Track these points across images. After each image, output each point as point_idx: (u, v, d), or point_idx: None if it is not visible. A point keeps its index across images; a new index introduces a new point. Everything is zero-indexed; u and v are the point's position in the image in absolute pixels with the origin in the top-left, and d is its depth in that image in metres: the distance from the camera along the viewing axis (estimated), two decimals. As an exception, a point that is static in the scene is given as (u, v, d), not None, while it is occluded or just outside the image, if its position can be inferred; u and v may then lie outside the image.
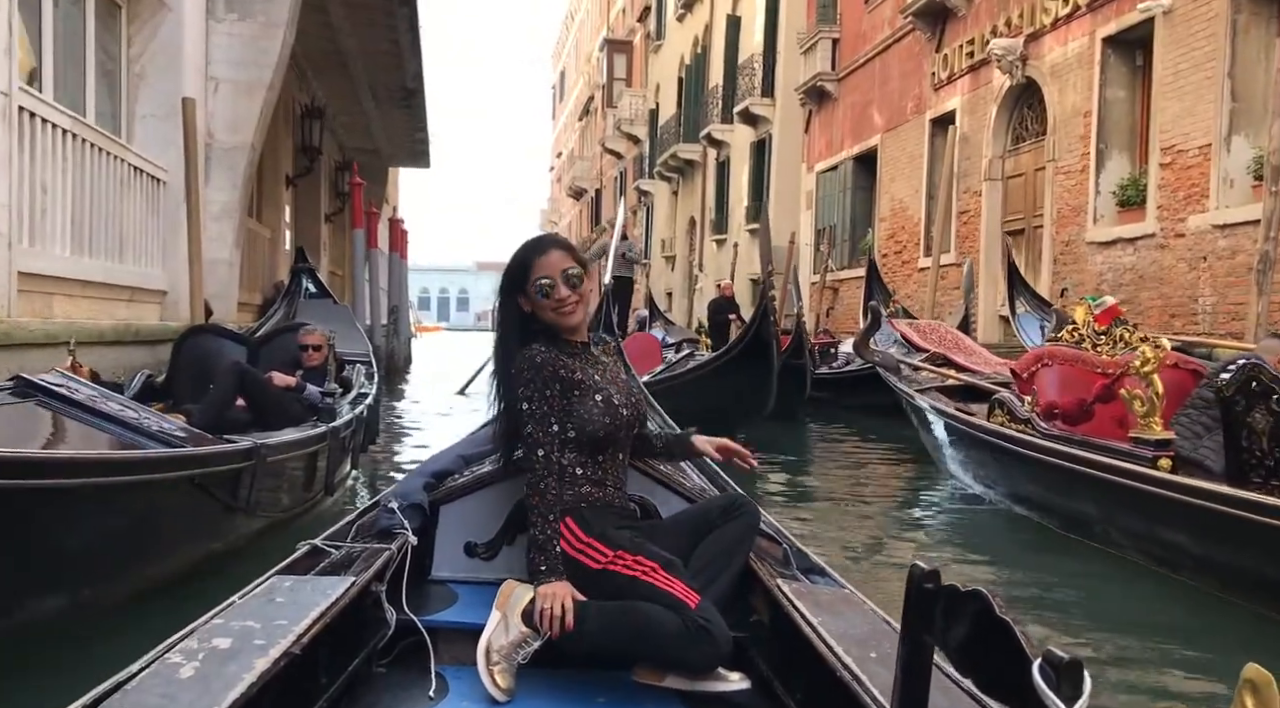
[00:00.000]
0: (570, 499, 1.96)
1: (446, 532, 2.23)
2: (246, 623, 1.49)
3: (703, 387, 7.76)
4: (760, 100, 19.07)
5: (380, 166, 19.30)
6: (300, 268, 7.85)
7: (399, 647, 1.89)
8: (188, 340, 5.14)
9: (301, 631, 1.48)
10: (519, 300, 2.02)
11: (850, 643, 1.54)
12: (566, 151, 49.48)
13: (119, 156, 6.14)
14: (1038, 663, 0.87)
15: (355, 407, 4.71)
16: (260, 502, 3.15)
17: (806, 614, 1.69)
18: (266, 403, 4.61)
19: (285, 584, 1.71)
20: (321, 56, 12.10)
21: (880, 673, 1.39)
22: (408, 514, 2.13)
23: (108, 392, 3.05)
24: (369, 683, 1.82)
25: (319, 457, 3.83)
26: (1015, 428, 4.74)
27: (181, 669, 1.30)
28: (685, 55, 25.53)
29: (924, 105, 13.08)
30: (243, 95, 8.00)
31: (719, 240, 22.40)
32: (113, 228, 6.07)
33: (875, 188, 14.83)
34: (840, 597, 1.84)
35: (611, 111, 33.28)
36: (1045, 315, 8.31)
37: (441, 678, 1.84)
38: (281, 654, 1.39)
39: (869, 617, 1.71)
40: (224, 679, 1.28)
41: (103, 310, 5.97)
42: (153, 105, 7.08)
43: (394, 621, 1.86)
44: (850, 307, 15.05)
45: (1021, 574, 4.01)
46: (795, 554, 2.14)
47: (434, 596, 2.11)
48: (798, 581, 1.94)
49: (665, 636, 1.76)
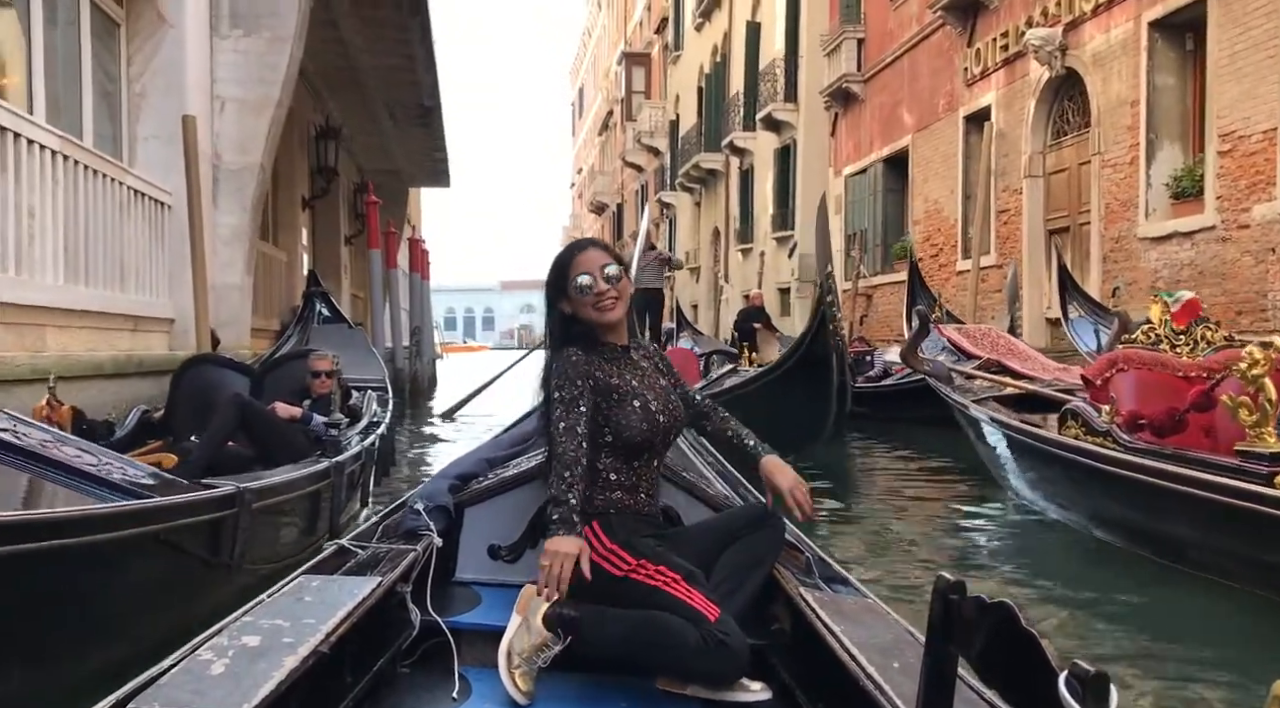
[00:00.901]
0: (601, 504, 1.97)
1: (471, 534, 2.25)
2: (275, 621, 1.49)
3: (748, 406, 6.56)
4: (783, 106, 18.67)
5: (400, 187, 19.08)
6: (313, 292, 7.53)
7: (423, 648, 1.90)
8: (187, 372, 4.80)
9: (329, 630, 1.48)
10: (561, 306, 2.04)
11: (873, 652, 1.52)
12: (587, 167, 49.35)
13: (117, 179, 5.84)
14: (1064, 676, 0.87)
15: (365, 437, 4.33)
16: (249, 555, 2.77)
17: (829, 623, 1.68)
18: (270, 437, 4.26)
19: (313, 584, 1.71)
20: (335, 74, 11.86)
21: (904, 683, 1.37)
22: (433, 516, 2.15)
23: (64, 435, 2.69)
24: (393, 683, 1.82)
25: (320, 497, 3.44)
26: (1094, 442, 4.25)
27: (212, 666, 1.30)
28: (704, 64, 25.21)
29: (957, 102, 12.61)
30: (250, 114, 7.70)
31: (744, 250, 21.98)
32: (112, 254, 5.76)
33: (907, 190, 14.35)
34: (863, 606, 1.83)
35: (631, 125, 33.05)
36: (1101, 319, 7.79)
37: (464, 679, 1.85)
38: (310, 653, 1.39)
39: (892, 627, 1.69)
40: (254, 677, 1.28)
41: (102, 341, 5.65)
42: (155, 126, 6.80)
43: (418, 622, 1.88)
44: (884, 314, 14.56)
45: (1116, 608, 3.54)
46: (818, 563, 2.12)
47: (458, 597, 2.13)
48: (820, 590, 1.93)
49: (683, 647, 1.76)
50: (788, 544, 2.18)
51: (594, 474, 1.96)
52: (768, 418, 6.27)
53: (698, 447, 3.00)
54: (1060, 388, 5.71)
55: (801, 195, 18.39)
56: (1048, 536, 4.79)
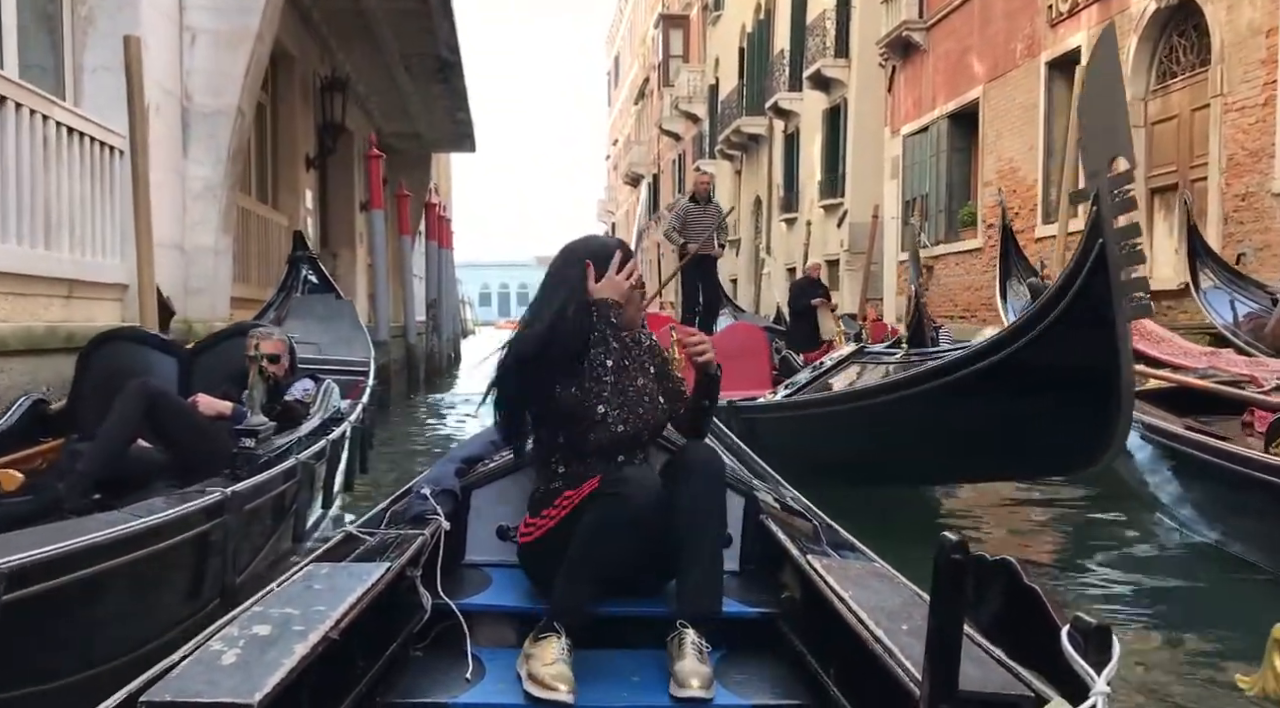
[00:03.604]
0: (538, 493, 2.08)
1: (478, 516, 2.28)
2: (286, 610, 1.48)
3: (933, 415, 4.05)
4: (833, 62, 17.25)
5: (421, 152, 17.93)
6: (298, 256, 6.43)
7: (435, 631, 1.90)
8: (98, 350, 3.70)
9: (339, 616, 1.48)
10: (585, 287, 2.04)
11: (881, 616, 1.54)
12: (622, 138, 47.97)
13: (39, 112, 4.73)
14: (1066, 629, 0.91)
15: (312, 441, 3.20)
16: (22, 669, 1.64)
17: (837, 589, 1.69)
18: (185, 439, 3.18)
19: (322, 571, 1.70)
20: (343, 20, 10.70)
21: (912, 645, 1.36)
22: (440, 500, 2.14)
23: None
24: (406, 667, 1.83)
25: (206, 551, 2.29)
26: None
27: (224, 656, 1.30)
28: (747, 23, 23.75)
29: (1038, 46, 11.16)
30: (225, 48, 6.58)
31: (788, 220, 20.64)
32: (34, 204, 4.67)
33: (976, 148, 12.93)
34: (871, 571, 1.85)
35: (668, 91, 31.68)
36: (1240, 290, 6.45)
37: (478, 660, 1.86)
38: (320, 639, 1.39)
39: (900, 590, 1.71)
40: (265, 665, 1.28)
41: (21, 310, 4.58)
42: (105, 55, 5.67)
43: (429, 605, 1.87)
44: (947, 287, 13.21)
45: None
46: (825, 530, 2.17)
47: (468, 579, 2.15)
48: (828, 556, 1.94)
49: (605, 528, 1.82)
50: (795, 512, 2.27)
51: (544, 468, 2.07)
52: (987, 430, 3.81)
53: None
54: (1222, 379, 4.44)
55: (852, 159, 17.02)
56: (1231, 578, 3.56)
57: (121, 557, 1.95)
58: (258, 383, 2.90)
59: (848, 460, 4.58)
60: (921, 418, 4.06)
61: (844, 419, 4.61)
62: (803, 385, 5.34)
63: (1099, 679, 0.86)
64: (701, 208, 9.59)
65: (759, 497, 2.29)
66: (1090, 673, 0.86)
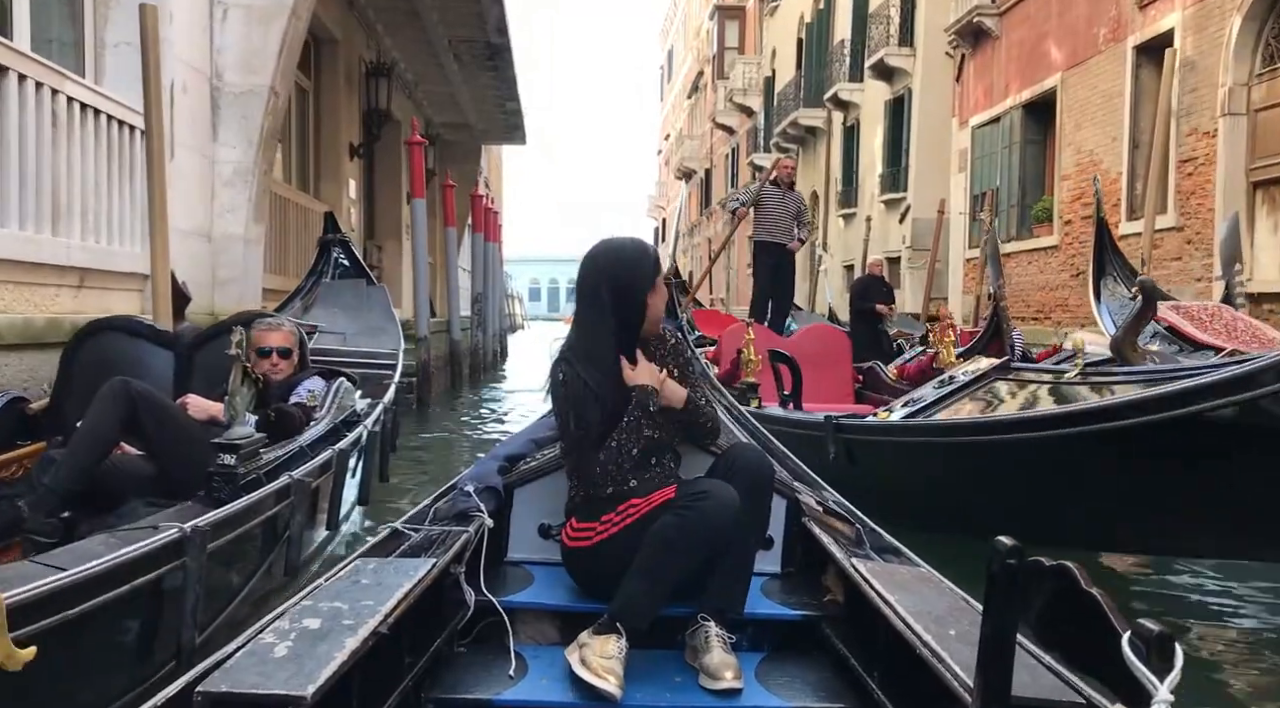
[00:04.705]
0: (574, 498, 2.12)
1: (521, 514, 2.29)
2: (335, 604, 1.49)
3: (1179, 449, 2.95)
4: (897, 50, 16.52)
5: (472, 143, 17.63)
6: (329, 239, 6.03)
7: (479, 627, 1.93)
8: (86, 343, 3.31)
9: (387, 611, 1.49)
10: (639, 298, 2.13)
11: (929, 621, 1.51)
12: (675, 133, 47.36)
13: (49, 85, 4.38)
14: (1127, 636, 0.88)
15: (316, 452, 2.76)
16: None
17: (883, 593, 1.66)
18: (172, 447, 2.77)
19: (369, 566, 1.71)
20: (388, 2, 10.37)
21: (961, 650, 1.36)
22: (483, 497, 2.15)
23: None
24: (451, 663, 1.86)
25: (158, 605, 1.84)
26: None
27: (276, 648, 1.32)
28: (805, 13, 23.04)
29: (1124, 30, 10.38)
30: (257, 24, 6.22)
31: (846, 215, 19.94)
32: (39, 186, 4.32)
33: (1052, 139, 12.15)
34: (917, 575, 1.81)
35: (723, 83, 31.08)
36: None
37: (521, 657, 1.88)
38: (370, 634, 1.41)
39: (947, 595, 1.68)
40: (316, 658, 1.29)
41: (23, 300, 4.24)
42: (127, 30, 5.29)
43: (473, 601, 1.91)
44: (1019, 287, 12.46)
45: None
46: (869, 533, 2.13)
47: (510, 577, 2.16)
48: (872, 560, 1.91)
49: (680, 535, 1.82)
50: (837, 515, 2.26)
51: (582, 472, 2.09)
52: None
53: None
54: None
55: (916, 151, 16.28)
56: None
57: (39, 623, 1.51)
58: (240, 388, 2.46)
59: (1000, 508, 3.55)
60: (1151, 460, 3.00)
61: (1007, 454, 3.48)
62: (929, 404, 4.23)
63: (1162, 687, 0.85)
64: (781, 194, 8.70)
65: (801, 499, 2.28)
66: (1153, 681, 0.85)
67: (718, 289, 31.20)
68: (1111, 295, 6.46)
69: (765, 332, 6.93)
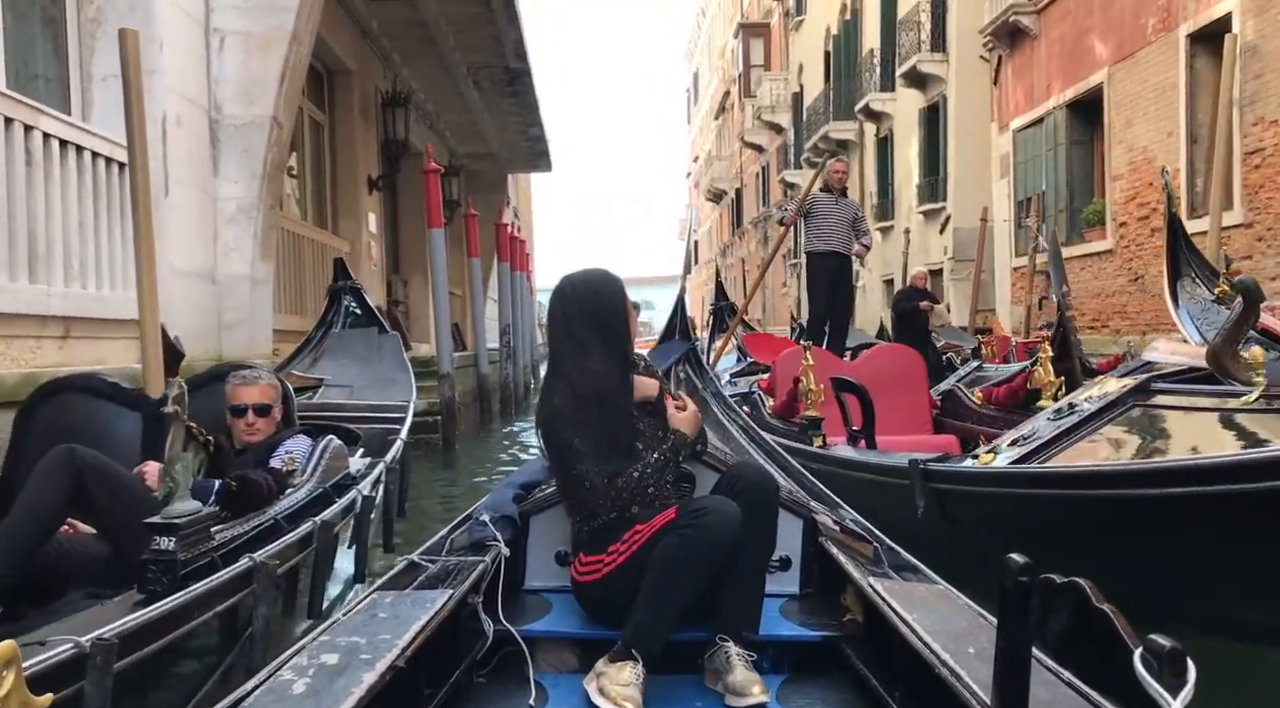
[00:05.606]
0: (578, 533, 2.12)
1: (537, 542, 2.27)
2: (352, 639, 1.50)
3: None
4: (929, 56, 15.99)
5: (497, 173, 17.39)
6: (340, 286, 5.66)
7: (497, 657, 1.92)
8: (43, 404, 2.92)
9: (405, 644, 1.49)
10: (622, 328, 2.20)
11: (947, 639, 1.51)
12: (703, 154, 47.10)
13: (23, 122, 4.05)
14: (1139, 652, 0.88)
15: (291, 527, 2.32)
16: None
17: (901, 612, 1.66)
18: (126, 523, 2.35)
19: (386, 600, 1.71)
20: (404, 30, 10.10)
21: (979, 668, 1.35)
22: (499, 526, 2.15)
23: None
24: (470, 693, 1.85)
25: None
26: None
27: (294, 686, 1.31)
28: (831, 25, 22.61)
29: (1176, 18, 9.79)
30: (257, 52, 5.92)
31: (883, 228, 19.32)
32: (13, 230, 3.99)
33: (1101, 139, 11.54)
34: (935, 593, 1.81)
35: (750, 102, 30.68)
36: None
37: (541, 687, 1.87)
38: (388, 668, 1.40)
39: (965, 612, 1.68)
40: (334, 694, 1.29)
41: (2, 353, 3.89)
42: (114, 62, 4.99)
43: (491, 631, 1.90)
44: (1074, 294, 11.78)
45: None
46: (886, 552, 2.14)
47: (529, 605, 2.16)
48: (890, 578, 1.92)
49: (687, 555, 1.83)
50: (854, 534, 2.26)
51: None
52: None
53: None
54: None
55: (954, 159, 15.70)
56: None
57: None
58: (180, 454, 2.03)
59: (1178, 586, 2.58)
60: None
61: (1182, 513, 2.51)
62: (1048, 442, 3.25)
63: (1174, 703, 0.85)
64: (834, 200, 7.75)
65: (818, 519, 2.28)
66: (1165, 697, 0.85)
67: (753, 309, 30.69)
68: (1191, 298, 5.86)
69: (825, 355, 6.00)
